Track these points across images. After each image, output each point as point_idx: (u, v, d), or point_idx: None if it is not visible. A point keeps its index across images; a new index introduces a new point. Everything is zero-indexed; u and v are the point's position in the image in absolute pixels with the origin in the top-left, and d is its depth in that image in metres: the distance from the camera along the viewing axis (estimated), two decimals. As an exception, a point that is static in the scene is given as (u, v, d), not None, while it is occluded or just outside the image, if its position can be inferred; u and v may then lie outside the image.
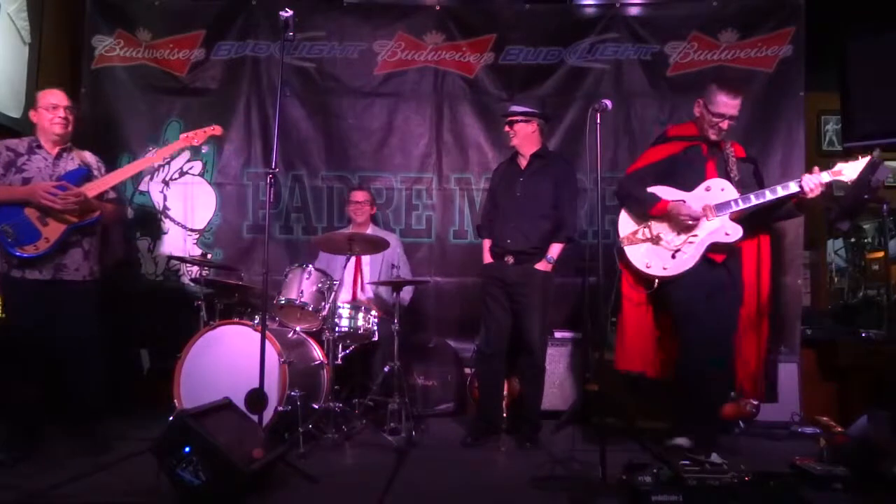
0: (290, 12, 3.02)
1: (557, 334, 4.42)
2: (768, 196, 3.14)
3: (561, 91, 4.73)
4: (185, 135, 3.47)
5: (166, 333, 4.14)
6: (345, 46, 4.79)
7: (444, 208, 4.77)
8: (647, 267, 3.27)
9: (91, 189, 3.22)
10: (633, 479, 2.48)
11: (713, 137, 3.31)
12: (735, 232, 3.18)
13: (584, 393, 4.10)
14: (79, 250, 3.25)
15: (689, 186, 3.30)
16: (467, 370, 4.39)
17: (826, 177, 3.05)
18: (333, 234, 4.11)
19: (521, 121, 3.64)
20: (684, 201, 3.26)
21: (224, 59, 4.80)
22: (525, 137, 3.66)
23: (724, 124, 3.27)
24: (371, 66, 4.79)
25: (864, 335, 4.38)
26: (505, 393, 4.11)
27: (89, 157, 3.45)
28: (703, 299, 3.20)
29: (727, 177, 3.28)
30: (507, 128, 3.67)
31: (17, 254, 3.08)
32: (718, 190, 3.24)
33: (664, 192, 3.33)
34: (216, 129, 3.50)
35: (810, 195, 3.05)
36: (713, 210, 3.21)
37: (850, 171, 3.03)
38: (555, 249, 3.57)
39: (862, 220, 5.06)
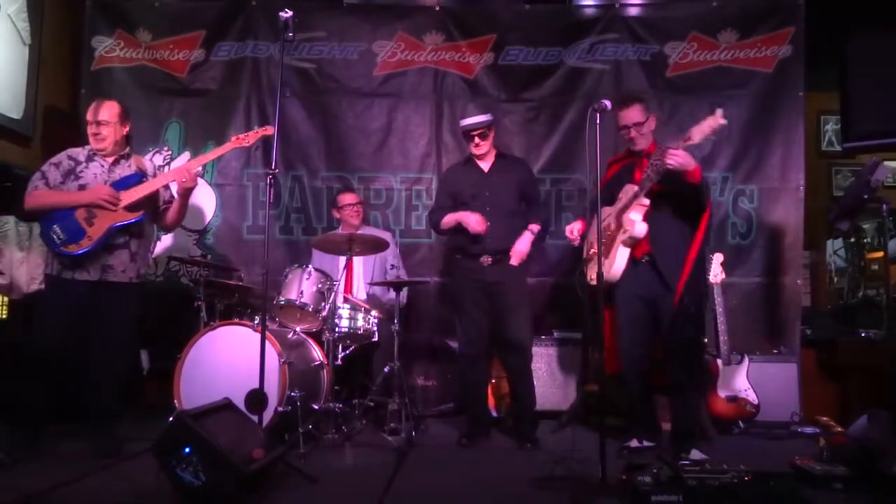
0: (290, 13, 3.02)
1: (557, 334, 4.42)
2: (647, 183, 3.18)
3: (561, 91, 4.75)
4: (236, 137, 3.41)
5: (166, 333, 4.14)
6: (344, 47, 4.80)
7: (444, 209, 4.77)
8: (592, 280, 3.38)
9: (127, 197, 3.25)
10: (633, 479, 2.48)
11: (635, 148, 3.43)
12: (630, 226, 3.21)
13: (584, 393, 4.10)
14: (125, 252, 3.29)
15: (613, 202, 3.43)
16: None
17: (678, 145, 3.07)
18: (332, 234, 4.11)
19: (488, 130, 3.67)
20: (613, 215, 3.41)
21: (224, 60, 4.80)
22: (491, 144, 3.71)
23: (632, 133, 3.39)
24: (371, 67, 4.79)
25: (863, 335, 4.38)
26: (503, 393, 4.13)
27: (147, 164, 3.49)
28: (633, 304, 3.34)
29: (642, 179, 3.31)
30: (477, 140, 3.64)
31: (62, 252, 3.16)
32: (624, 195, 3.37)
33: (604, 213, 3.40)
34: (268, 130, 3.41)
35: (672, 167, 3.06)
36: (620, 213, 3.32)
37: (696, 133, 3.03)
38: (535, 226, 3.61)
39: (861, 220, 5.06)
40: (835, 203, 4.64)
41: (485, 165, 3.72)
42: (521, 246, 3.55)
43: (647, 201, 3.22)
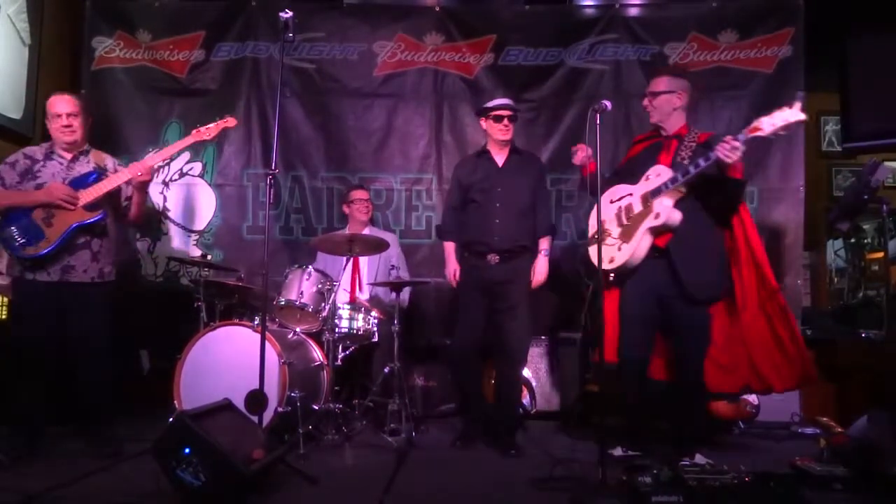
0: (290, 13, 3.02)
1: (557, 334, 4.42)
2: (692, 171, 3.01)
3: (561, 92, 4.75)
4: (197, 129, 3.37)
5: (166, 334, 4.14)
6: (344, 47, 4.80)
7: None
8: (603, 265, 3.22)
9: (85, 196, 3.20)
10: (633, 479, 2.48)
11: (652, 120, 3.34)
12: (664, 212, 3.06)
13: (584, 393, 4.10)
14: (87, 251, 3.25)
15: (636, 179, 3.25)
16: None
17: (742, 136, 2.93)
18: (333, 234, 4.11)
19: (515, 119, 3.63)
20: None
21: (224, 60, 4.80)
22: (512, 133, 3.63)
23: (646, 102, 3.32)
24: (371, 67, 4.80)
25: (864, 335, 4.38)
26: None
27: (108, 160, 3.42)
28: (646, 300, 3.17)
29: (675, 162, 3.17)
30: (507, 121, 3.56)
31: (22, 255, 3.12)
32: (655, 176, 3.17)
33: (615, 190, 3.32)
34: (229, 122, 3.40)
35: (730, 160, 2.92)
36: (649, 196, 3.13)
37: (766, 124, 2.89)
38: (546, 243, 3.59)
39: (861, 221, 5.06)
40: (835, 203, 4.64)
41: (499, 159, 3.62)
42: (541, 274, 3.54)
43: (683, 188, 3.09)
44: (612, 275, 3.24)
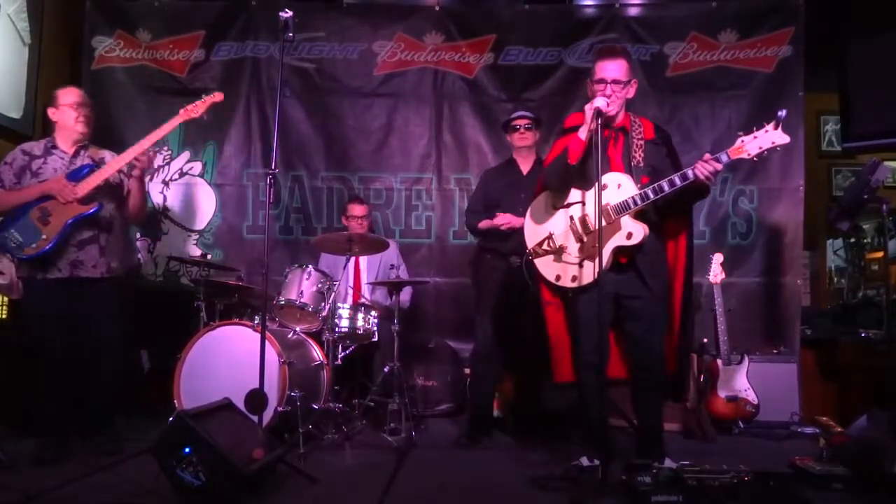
0: (290, 13, 3.03)
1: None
2: (667, 189, 2.72)
3: (560, 91, 4.75)
4: (184, 108, 3.31)
5: (166, 333, 4.14)
6: (344, 47, 4.80)
7: (444, 209, 4.78)
8: (558, 279, 2.96)
9: (81, 188, 3.14)
10: (632, 479, 2.47)
11: (611, 112, 2.82)
12: (638, 232, 2.79)
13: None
14: (95, 246, 3.23)
15: (588, 184, 2.82)
16: (467, 370, 4.38)
17: (725, 158, 2.64)
18: (332, 234, 4.11)
19: (535, 126, 3.74)
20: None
21: (224, 60, 4.81)
22: (534, 142, 3.75)
23: (608, 90, 2.82)
24: (371, 67, 4.80)
25: (863, 335, 4.38)
26: (505, 394, 4.13)
27: (106, 154, 3.38)
28: (608, 311, 2.84)
29: (629, 165, 2.88)
30: (522, 130, 3.69)
31: (21, 256, 3.11)
32: (615, 187, 2.79)
33: (573, 198, 2.96)
34: (217, 96, 3.35)
35: (707, 181, 2.69)
36: (612, 211, 2.79)
37: (752, 147, 2.62)
38: None
39: (861, 220, 5.06)
40: (835, 203, 4.65)
41: (524, 167, 3.73)
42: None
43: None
44: (570, 292, 2.96)
